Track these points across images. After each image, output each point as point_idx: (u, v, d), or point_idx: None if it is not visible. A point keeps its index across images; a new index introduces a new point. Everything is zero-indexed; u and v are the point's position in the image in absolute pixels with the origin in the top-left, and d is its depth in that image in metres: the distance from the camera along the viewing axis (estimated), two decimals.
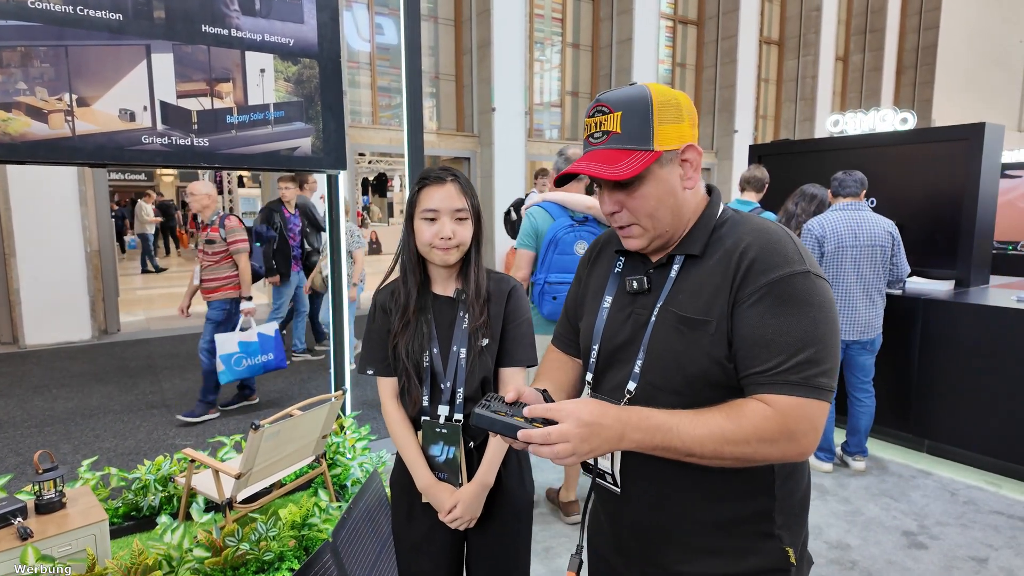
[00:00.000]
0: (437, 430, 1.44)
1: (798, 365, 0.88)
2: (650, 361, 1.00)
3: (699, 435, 0.87)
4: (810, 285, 0.91)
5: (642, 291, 1.04)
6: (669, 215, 1.00)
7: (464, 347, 1.44)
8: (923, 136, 4.16)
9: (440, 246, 1.40)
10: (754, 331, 0.91)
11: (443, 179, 1.42)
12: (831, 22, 13.88)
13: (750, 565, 1.00)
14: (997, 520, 2.91)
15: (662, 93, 0.97)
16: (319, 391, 4.90)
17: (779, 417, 0.87)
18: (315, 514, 2.28)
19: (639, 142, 0.96)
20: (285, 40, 1.97)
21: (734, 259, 0.95)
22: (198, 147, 1.86)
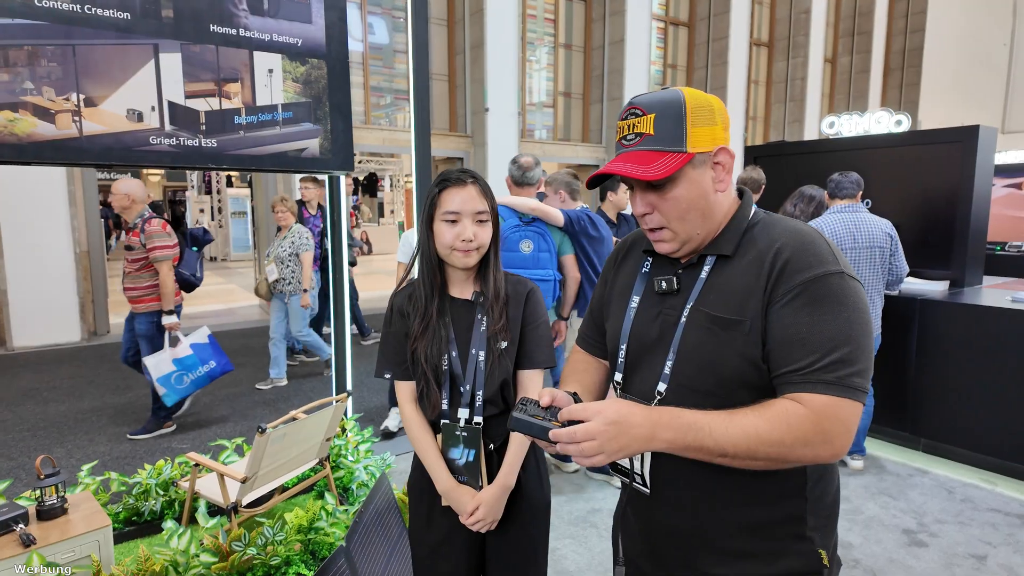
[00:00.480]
0: (457, 433, 1.44)
1: (832, 364, 0.88)
2: (681, 362, 1.00)
3: (732, 434, 0.86)
4: (844, 285, 0.91)
5: (671, 291, 1.04)
6: (700, 218, 1.00)
7: (483, 350, 1.44)
8: (917, 138, 4.20)
9: (461, 248, 1.39)
10: (787, 330, 0.91)
11: (464, 181, 1.41)
12: (820, 25, 14.01)
13: (783, 567, 1.00)
14: (994, 518, 2.95)
15: (695, 96, 0.97)
16: (317, 394, 4.87)
17: (813, 417, 0.87)
18: (322, 518, 2.26)
19: (672, 144, 0.96)
20: (293, 40, 1.96)
21: (768, 259, 0.95)
22: (206, 148, 1.84)
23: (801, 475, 0.99)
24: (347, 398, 2.73)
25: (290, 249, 4.90)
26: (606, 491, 3.21)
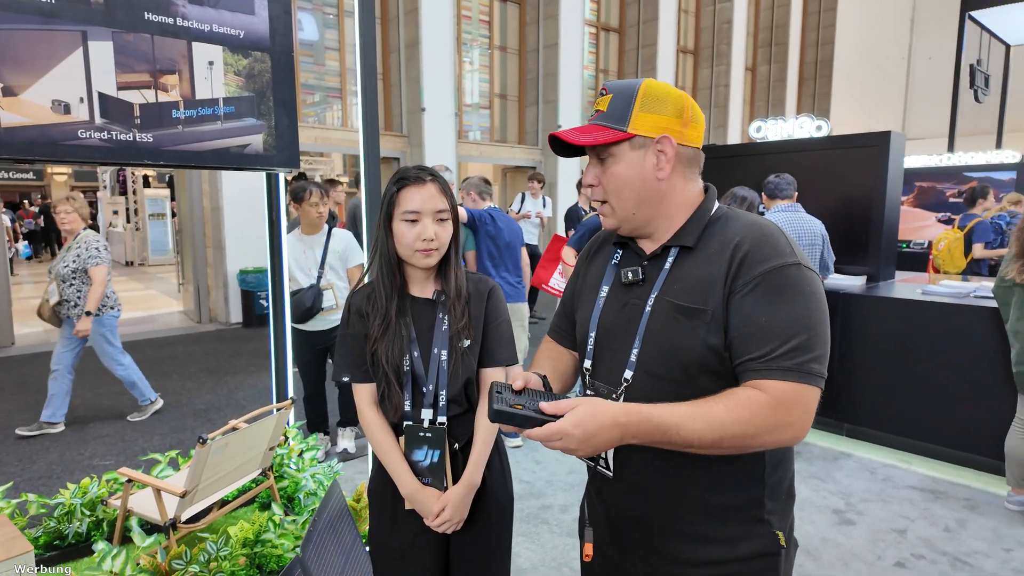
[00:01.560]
0: (421, 435, 1.41)
1: (791, 351, 0.92)
2: (646, 350, 1.03)
3: (698, 429, 0.90)
4: (802, 276, 0.96)
5: (636, 282, 1.07)
6: (635, 199, 1.04)
7: (445, 349, 1.42)
8: (836, 143, 4.49)
9: (423, 248, 1.37)
10: (748, 319, 0.94)
11: (423, 179, 1.39)
12: (741, 35, 14.71)
13: (744, 550, 1.04)
14: (911, 494, 3.19)
15: (654, 87, 1.02)
16: (249, 402, 4.67)
17: (774, 403, 0.91)
18: (269, 529, 2.17)
19: (615, 121, 1.02)
20: (235, 32, 1.87)
21: (729, 251, 0.98)
22: (141, 143, 1.73)
23: (760, 461, 1.03)
24: (291, 405, 2.64)
25: (74, 264, 3.91)
26: (555, 488, 3.24)
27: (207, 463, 2.13)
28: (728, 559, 1.04)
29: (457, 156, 9.77)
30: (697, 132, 1.05)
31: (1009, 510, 3.01)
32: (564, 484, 3.28)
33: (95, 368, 5.57)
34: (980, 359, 3.40)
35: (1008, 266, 2.88)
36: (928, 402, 3.61)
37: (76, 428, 4.13)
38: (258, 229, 8.03)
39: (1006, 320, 2.99)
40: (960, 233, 5.34)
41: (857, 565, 2.56)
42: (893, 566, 2.55)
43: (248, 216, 7.44)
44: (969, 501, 3.11)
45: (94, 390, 4.95)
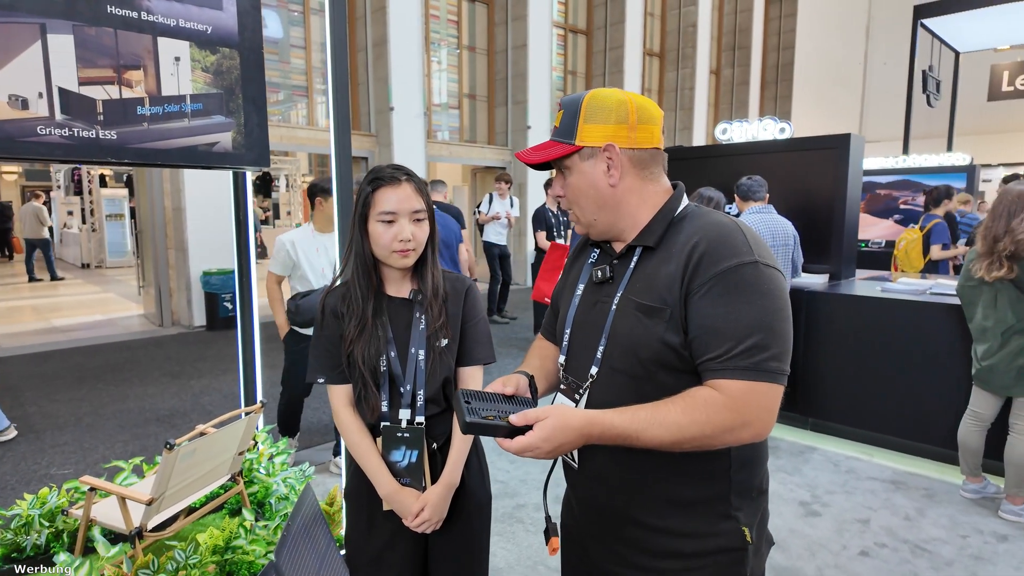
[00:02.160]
0: (399, 435, 1.40)
1: (747, 351, 0.93)
2: (611, 346, 1.06)
3: (658, 434, 0.92)
4: (758, 274, 0.96)
5: (605, 280, 1.11)
6: (593, 206, 1.08)
7: (423, 349, 1.41)
8: (798, 145, 4.61)
9: (400, 249, 1.36)
10: (705, 320, 0.96)
11: (398, 179, 1.38)
12: (705, 38, 14.98)
13: (711, 545, 1.06)
14: (873, 485, 3.29)
15: (597, 97, 1.05)
16: (216, 406, 4.56)
17: (731, 403, 0.92)
18: (240, 536, 2.12)
19: (565, 136, 1.07)
20: (202, 27, 1.82)
21: (686, 251, 1.00)
22: (104, 140, 1.67)
23: (725, 459, 1.05)
24: (261, 409, 2.59)
25: None
26: (530, 487, 3.25)
27: (174, 469, 2.07)
28: (694, 552, 1.06)
29: (426, 156, 9.72)
30: (649, 133, 1.06)
31: (964, 498, 3.13)
32: (538, 483, 3.29)
33: (51, 375, 5.37)
34: (936, 354, 3.53)
35: (975, 264, 2.91)
36: (888, 396, 3.73)
37: (31, 437, 3.97)
38: (222, 230, 7.88)
39: (970, 319, 3.04)
40: (919, 234, 5.54)
41: (823, 555, 2.64)
42: (858, 555, 2.63)
43: (211, 217, 7.27)
44: (927, 490, 3.23)
45: (50, 397, 4.77)
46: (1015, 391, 2.86)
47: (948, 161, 9.07)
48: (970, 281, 2.98)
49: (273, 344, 6.11)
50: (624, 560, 1.10)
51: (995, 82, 15.62)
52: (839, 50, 20.97)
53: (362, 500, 1.47)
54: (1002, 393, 2.94)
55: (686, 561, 1.05)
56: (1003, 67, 15.49)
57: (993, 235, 2.82)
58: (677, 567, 1.06)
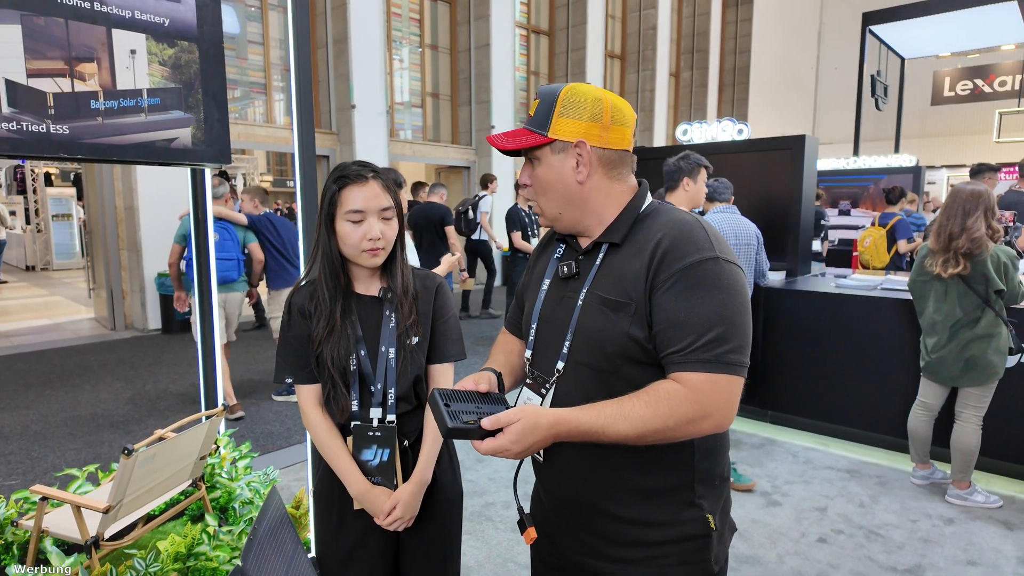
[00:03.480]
0: (370, 434, 1.39)
1: (708, 344, 0.96)
2: (576, 341, 1.07)
3: (623, 429, 0.95)
4: (719, 269, 0.99)
5: (571, 276, 1.12)
6: (559, 200, 1.08)
7: (393, 347, 1.40)
8: (756, 145, 4.74)
9: (369, 248, 1.34)
10: (668, 314, 0.98)
11: (364, 176, 1.36)
12: (665, 41, 15.24)
13: (677, 533, 1.08)
14: (830, 474, 3.41)
15: (575, 92, 1.05)
16: (173, 411, 4.43)
17: (692, 395, 0.95)
18: (203, 542, 2.07)
19: (539, 126, 1.07)
20: (159, 20, 1.77)
21: (649, 248, 1.02)
22: (56, 135, 1.61)
23: (689, 448, 1.07)
24: (223, 413, 2.53)
25: None
26: (499, 485, 3.26)
27: (133, 476, 2.01)
28: (660, 541, 1.08)
29: (389, 155, 9.63)
30: (621, 135, 1.08)
31: (914, 484, 3.27)
32: (507, 480, 3.30)
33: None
34: (887, 347, 3.68)
35: (929, 260, 3.02)
36: (843, 388, 3.87)
37: None
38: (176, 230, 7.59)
39: (921, 312, 3.16)
40: (882, 230, 5.76)
41: (784, 543, 2.72)
42: (816, 542, 2.73)
43: (166, 216, 7.04)
44: (880, 478, 3.36)
45: None
46: (961, 382, 3.00)
47: (895, 162, 9.45)
48: (922, 276, 3.10)
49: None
50: (593, 551, 1.12)
51: (937, 87, 16.36)
52: (793, 54, 21.62)
53: (332, 499, 1.46)
54: (949, 384, 3.08)
55: (652, 549, 1.08)
56: (945, 73, 16.24)
57: (948, 233, 2.91)
58: (644, 555, 1.08)
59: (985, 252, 2.85)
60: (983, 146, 14.44)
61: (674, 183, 3.15)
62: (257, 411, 4.46)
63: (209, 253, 2.85)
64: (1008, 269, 2.84)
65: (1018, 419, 3.26)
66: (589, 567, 1.13)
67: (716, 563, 1.10)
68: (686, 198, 3.10)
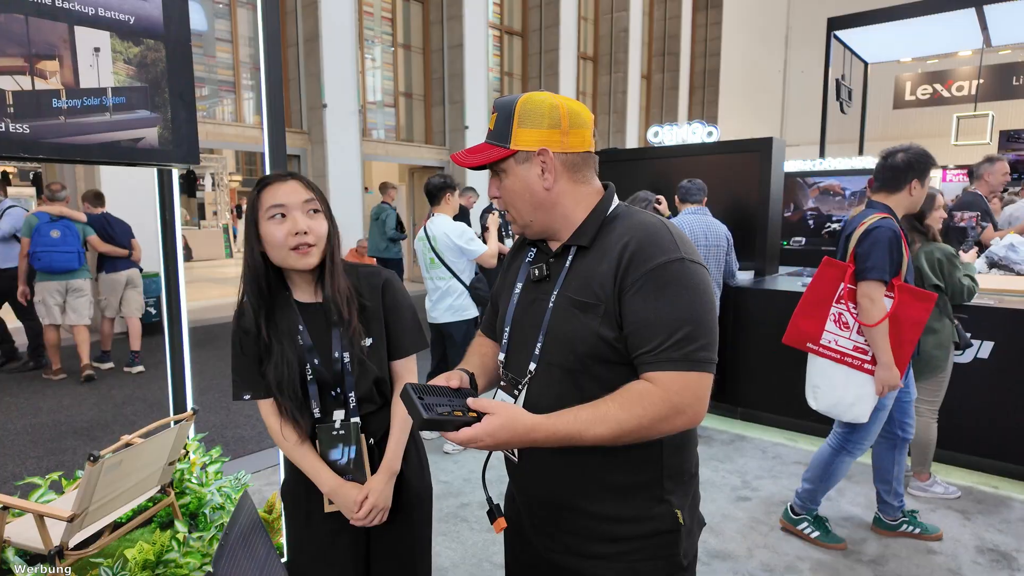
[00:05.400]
0: (334, 433, 1.40)
1: (677, 343, 0.98)
2: (548, 342, 1.09)
3: (600, 432, 0.97)
4: (684, 270, 1.02)
5: (542, 278, 1.13)
6: (530, 207, 1.10)
7: (347, 352, 1.38)
8: (725, 147, 4.83)
9: (294, 244, 1.28)
10: (637, 316, 1.01)
11: (284, 177, 1.33)
12: (636, 44, 15.41)
13: (646, 528, 1.10)
14: (797, 469, 3.49)
15: (531, 101, 1.07)
16: (140, 416, 4.33)
17: (664, 394, 0.98)
18: (173, 548, 2.03)
19: (500, 139, 1.09)
20: (124, 17, 1.73)
21: (617, 250, 1.04)
22: (16, 134, 1.56)
23: (658, 446, 1.09)
24: (193, 417, 2.49)
25: None
26: (473, 485, 3.26)
27: (99, 483, 1.96)
28: (631, 536, 1.10)
29: (362, 155, 9.55)
30: (581, 137, 1.10)
31: None
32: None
33: None
34: None
35: None
36: None
37: None
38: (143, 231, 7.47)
39: None
40: None
41: (753, 536, 2.78)
42: (785, 535, 2.79)
43: (132, 217, 6.87)
44: None
45: None
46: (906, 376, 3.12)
47: (860, 164, 9.70)
48: None
49: (202, 350, 5.86)
50: (566, 547, 1.14)
51: (899, 92, 16.84)
52: (761, 58, 22.04)
53: (300, 499, 1.46)
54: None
55: (623, 544, 1.10)
56: (906, 78, 16.72)
57: None
58: (615, 551, 1.10)
59: (912, 249, 2.98)
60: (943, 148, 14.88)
61: (897, 184, 2.52)
62: (228, 415, 4.39)
63: (177, 254, 2.80)
64: (944, 266, 2.94)
65: (974, 413, 3.38)
66: (562, 564, 1.15)
67: (685, 557, 1.13)
68: (909, 203, 2.53)
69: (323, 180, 8.97)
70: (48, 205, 5.11)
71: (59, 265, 4.97)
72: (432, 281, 3.73)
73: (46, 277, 5.02)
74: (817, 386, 2.65)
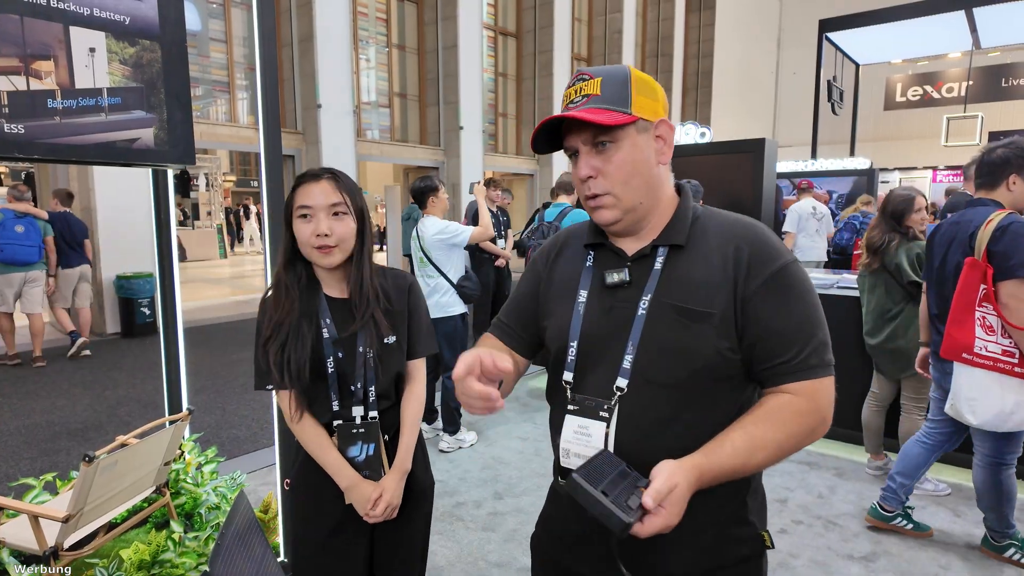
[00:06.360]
0: (354, 431, 1.43)
1: (816, 349, 0.93)
2: (645, 356, 0.96)
3: (760, 460, 0.90)
4: (800, 271, 0.96)
5: (623, 284, 1.00)
6: (644, 186, 0.98)
7: (371, 347, 1.43)
8: (718, 148, 4.86)
9: (317, 244, 1.35)
10: (769, 324, 0.93)
11: (319, 176, 1.39)
12: (630, 45, 15.46)
13: (733, 555, 1.01)
14: (791, 467, 3.52)
15: (639, 72, 0.99)
16: (135, 417, 4.32)
17: (812, 404, 0.92)
18: (169, 548, 2.04)
19: (618, 104, 0.96)
20: (119, 17, 1.74)
21: (730, 252, 0.96)
22: (11, 135, 1.57)
23: None
24: (188, 417, 2.49)
25: None
26: (469, 484, 3.27)
27: (94, 483, 1.96)
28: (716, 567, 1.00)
29: (356, 155, 9.54)
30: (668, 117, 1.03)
31: (869, 474, 3.41)
32: (478, 480, 3.31)
33: None
34: (843, 343, 3.80)
35: (864, 258, 3.31)
36: None
37: None
38: (137, 231, 7.44)
39: (862, 306, 3.41)
40: None
41: None
42: (777, 533, 2.81)
43: (125, 217, 6.87)
44: (838, 469, 3.48)
45: None
46: (890, 372, 3.24)
47: (851, 165, 9.77)
48: (861, 272, 3.37)
49: (197, 350, 5.85)
50: None
51: (890, 93, 16.97)
52: (754, 59, 22.15)
53: (309, 489, 1.48)
54: (888, 375, 3.25)
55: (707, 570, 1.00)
56: (897, 79, 16.86)
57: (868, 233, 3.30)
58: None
59: (891, 247, 3.09)
60: (933, 149, 15.02)
61: (995, 179, 2.43)
62: (223, 416, 4.38)
63: (171, 254, 2.80)
64: (924, 263, 2.99)
65: None
66: None
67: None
68: (1010, 199, 2.42)
69: None
70: (15, 203, 5.60)
71: (21, 258, 5.48)
72: (423, 279, 3.81)
73: (7, 268, 5.49)
74: (974, 399, 2.42)
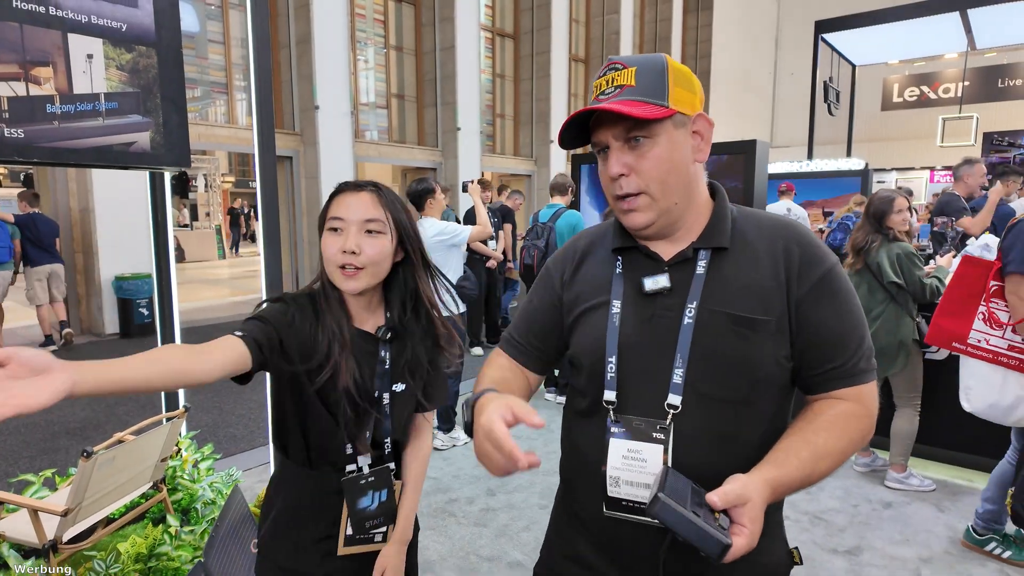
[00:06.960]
0: (363, 483, 1.25)
1: (866, 353, 0.93)
2: (699, 368, 0.89)
3: (824, 469, 0.87)
4: (844, 274, 0.94)
5: (663, 291, 0.93)
6: (681, 186, 0.92)
7: (387, 392, 1.24)
8: (713, 149, 4.89)
9: (341, 263, 1.14)
10: (823, 328, 0.91)
11: (360, 187, 1.20)
12: (627, 46, 15.50)
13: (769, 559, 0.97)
14: None
15: (676, 62, 0.93)
16: (132, 416, 4.36)
17: (865, 409, 0.91)
18: (165, 542, 2.08)
19: (654, 96, 0.88)
20: (116, 24, 1.79)
21: (779, 255, 0.92)
22: (11, 139, 1.62)
23: None
24: (184, 414, 2.54)
25: None
26: (462, 482, 3.32)
27: (92, 479, 2.01)
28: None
29: (354, 156, 9.59)
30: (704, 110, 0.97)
31: (856, 471, 3.46)
32: (470, 477, 3.36)
33: None
34: None
35: (849, 258, 3.34)
36: None
37: None
38: (135, 232, 7.50)
39: None
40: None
41: None
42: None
43: (123, 218, 6.91)
44: None
45: None
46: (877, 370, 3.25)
47: (847, 165, 9.82)
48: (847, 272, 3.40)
49: None
50: None
51: (887, 93, 17.03)
52: (751, 60, 22.20)
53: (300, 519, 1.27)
54: (878, 374, 3.31)
55: None
56: (893, 80, 16.92)
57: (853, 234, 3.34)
58: None
59: (873, 247, 3.13)
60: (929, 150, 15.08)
61: None
62: (220, 415, 4.43)
63: (169, 255, 2.85)
64: (904, 263, 3.04)
65: (949, 409, 3.47)
66: None
67: None
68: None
69: (315, 182, 9.01)
70: None
71: None
72: None
73: None
74: (969, 387, 2.50)
